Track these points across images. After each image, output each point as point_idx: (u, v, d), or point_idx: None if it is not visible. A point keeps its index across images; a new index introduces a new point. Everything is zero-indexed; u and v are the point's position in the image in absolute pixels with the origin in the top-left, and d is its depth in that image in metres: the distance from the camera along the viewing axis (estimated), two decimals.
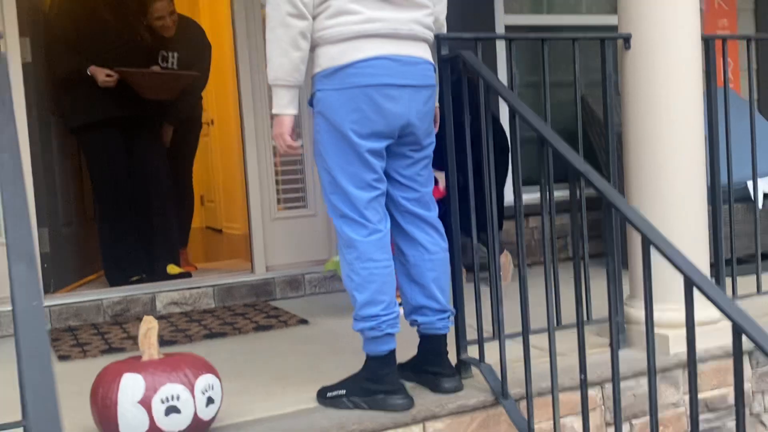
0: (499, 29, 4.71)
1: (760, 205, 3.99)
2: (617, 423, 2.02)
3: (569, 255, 4.60)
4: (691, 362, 1.78)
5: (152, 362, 2.13)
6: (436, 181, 2.88)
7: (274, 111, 2.29)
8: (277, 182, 4.41)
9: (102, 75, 4.03)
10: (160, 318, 3.90)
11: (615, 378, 2.04)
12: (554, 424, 2.21)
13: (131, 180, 4.28)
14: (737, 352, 1.68)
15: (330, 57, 2.24)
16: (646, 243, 1.90)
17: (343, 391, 2.36)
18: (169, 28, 4.42)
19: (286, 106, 2.27)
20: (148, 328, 2.19)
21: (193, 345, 3.31)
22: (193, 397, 2.09)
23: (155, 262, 4.34)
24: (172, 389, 2.07)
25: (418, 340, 2.51)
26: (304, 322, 3.61)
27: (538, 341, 2.63)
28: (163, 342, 3.37)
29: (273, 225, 4.36)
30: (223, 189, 7.28)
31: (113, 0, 4.24)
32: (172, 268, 4.35)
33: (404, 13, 2.28)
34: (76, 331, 3.65)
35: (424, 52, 2.35)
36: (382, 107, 2.24)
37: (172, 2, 4.46)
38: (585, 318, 2.80)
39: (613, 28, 2.94)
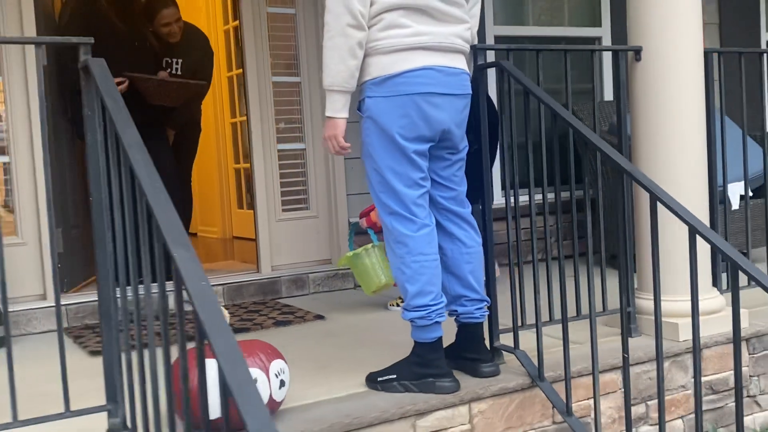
0: (489, 39, 4.95)
1: (735, 206, 4.31)
2: (627, 402, 2.24)
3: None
4: (695, 312, 2.01)
5: (243, 346, 2.26)
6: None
7: (328, 114, 2.46)
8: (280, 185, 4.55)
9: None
10: (173, 316, 4.00)
11: (625, 366, 2.26)
12: (594, 401, 2.42)
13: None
14: (736, 307, 1.92)
15: (381, 66, 2.42)
16: (653, 200, 2.15)
17: (394, 376, 2.53)
18: (175, 34, 4.53)
19: (340, 110, 2.44)
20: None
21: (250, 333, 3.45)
22: (269, 379, 2.24)
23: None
24: (251, 373, 2.21)
25: (455, 329, 2.71)
26: (320, 317, 3.77)
27: (552, 331, 2.86)
28: (187, 338, 3.48)
29: (277, 226, 4.50)
30: (198, 193, 7.35)
31: (122, 6, 4.33)
32: None
33: (447, 27, 2.48)
34: (96, 329, 3.74)
35: (462, 64, 2.56)
36: (427, 114, 2.43)
37: (179, 9, 4.57)
38: (601, 308, 3.05)
39: (592, 40, 3.18)
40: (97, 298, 3.96)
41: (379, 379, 2.56)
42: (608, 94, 5.29)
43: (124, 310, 2.16)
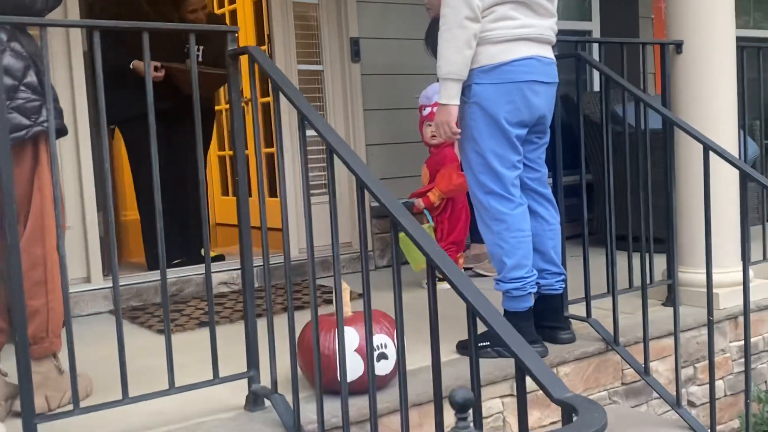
0: None
1: None
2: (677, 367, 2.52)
3: None
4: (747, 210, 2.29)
5: (357, 316, 2.44)
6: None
7: (443, 101, 2.64)
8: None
9: (150, 69, 4.17)
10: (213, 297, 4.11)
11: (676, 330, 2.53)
12: (676, 365, 2.69)
13: (169, 168, 4.44)
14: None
15: (490, 55, 2.62)
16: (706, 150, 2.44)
17: (488, 343, 2.74)
18: (201, 21, 4.59)
19: (454, 97, 2.63)
20: (344, 289, 2.50)
21: (277, 317, 3.56)
22: (395, 345, 2.42)
23: (190, 245, 4.52)
24: (381, 339, 2.39)
25: None
26: (362, 296, 3.92)
27: (602, 304, 3.12)
28: (243, 316, 3.62)
29: (299, 210, 4.63)
30: None
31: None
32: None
33: (545, 21, 2.70)
34: (147, 310, 3.82)
35: (552, 54, 2.78)
36: (529, 100, 2.65)
37: None
38: (648, 281, 3.32)
39: (582, 33, 3.42)
40: (141, 281, 4.09)
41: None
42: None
43: (267, 280, 2.30)
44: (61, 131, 2.39)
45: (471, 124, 2.69)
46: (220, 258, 4.56)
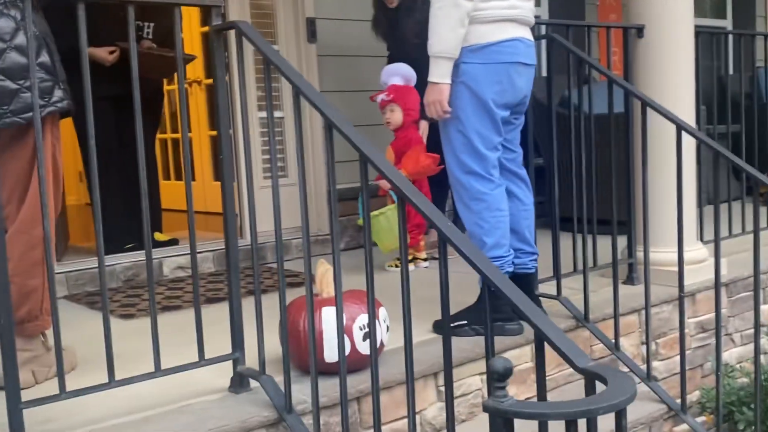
0: None
1: None
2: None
3: None
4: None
5: (343, 296, 2.42)
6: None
7: (434, 80, 2.62)
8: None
9: (104, 53, 4.06)
10: (169, 282, 4.05)
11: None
12: (646, 340, 2.76)
13: (120, 152, 4.33)
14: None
15: (479, 34, 2.62)
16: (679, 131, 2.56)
17: (465, 321, 2.77)
18: None
19: (445, 75, 2.62)
20: (326, 269, 2.49)
21: (244, 299, 3.52)
22: (380, 324, 2.42)
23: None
24: (366, 318, 2.39)
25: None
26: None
27: (570, 283, 3.20)
28: (208, 300, 3.57)
29: (260, 193, 4.57)
30: None
31: None
32: (158, 236, 4.46)
33: (527, 2, 2.73)
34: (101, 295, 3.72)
35: (532, 36, 2.81)
36: (514, 82, 2.68)
37: None
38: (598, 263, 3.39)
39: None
40: (96, 266, 3.98)
41: (451, 325, 2.77)
42: None
43: (256, 260, 2.27)
44: (70, 112, 2.43)
45: (457, 103, 2.69)
46: (173, 242, 4.47)
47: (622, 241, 3.45)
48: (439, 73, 2.62)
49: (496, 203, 2.70)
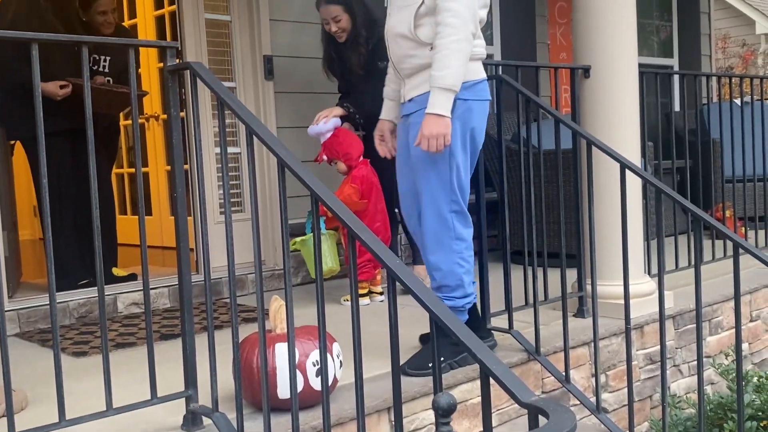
0: None
1: None
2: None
3: None
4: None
5: (296, 332, 2.44)
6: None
7: (441, 112, 2.60)
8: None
9: (55, 87, 4.06)
10: (124, 318, 4.02)
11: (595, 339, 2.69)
12: (595, 372, 2.82)
13: (75, 186, 4.31)
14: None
15: (471, 71, 2.70)
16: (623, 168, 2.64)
17: (443, 359, 2.77)
18: (110, 25, 4.47)
19: (449, 109, 2.63)
20: (280, 305, 2.51)
21: (198, 336, 3.52)
22: (333, 359, 2.45)
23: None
24: (317, 354, 2.41)
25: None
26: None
27: (518, 316, 3.26)
28: (162, 336, 3.55)
29: (215, 228, 4.58)
30: None
31: (59, 7, 4.26)
32: (116, 271, 4.43)
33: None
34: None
35: None
36: (486, 118, 2.76)
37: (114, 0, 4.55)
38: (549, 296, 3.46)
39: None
40: (47, 303, 3.94)
41: (429, 364, 2.75)
42: None
43: (209, 296, 2.28)
44: None
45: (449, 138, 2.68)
46: (132, 277, 4.45)
47: (573, 275, 3.54)
48: (446, 107, 2.60)
49: (470, 242, 2.78)
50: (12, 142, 4.48)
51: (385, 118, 3.04)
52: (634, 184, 3.56)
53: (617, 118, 3.51)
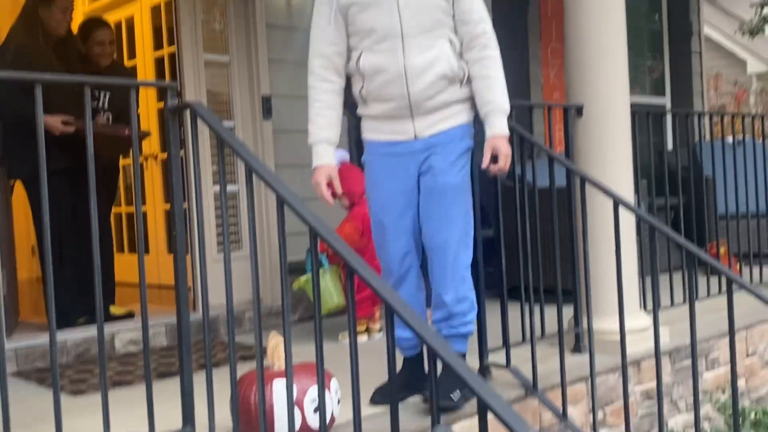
0: None
1: None
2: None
3: None
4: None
5: (295, 369, 2.46)
6: None
7: (506, 132, 2.81)
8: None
9: (55, 121, 4.10)
10: (121, 357, 4.02)
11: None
12: (593, 408, 2.83)
13: (74, 225, 4.34)
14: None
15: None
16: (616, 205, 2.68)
17: (458, 390, 2.76)
18: (108, 56, 4.54)
19: None
20: (278, 342, 2.53)
21: (196, 374, 3.52)
22: (331, 396, 2.46)
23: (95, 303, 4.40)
24: (316, 391, 2.42)
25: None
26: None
27: (515, 352, 3.27)
28: (160, 374, 3.55)
29: (214, 266, 4.60)
30: None
31: (56, 40, 4.31)
32: (114, 309, 4.44)
33: None
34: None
35: None
36: None
37: (113, 32, 4.61)
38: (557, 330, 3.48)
39: None
40: (47, 341, 3.95)
41: (455, 398, 2.75)
42: None
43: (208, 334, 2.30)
44: None
45: (468, 170, 2.81)
46: (130, 315, 4.45)
47: (569, 311, 3.56)
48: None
49: None
50: (12, 181, 4.51)
51: (331, 164, 2.91)
52: (627, 220, 3.61)
53: (610, 155, 3.56)
